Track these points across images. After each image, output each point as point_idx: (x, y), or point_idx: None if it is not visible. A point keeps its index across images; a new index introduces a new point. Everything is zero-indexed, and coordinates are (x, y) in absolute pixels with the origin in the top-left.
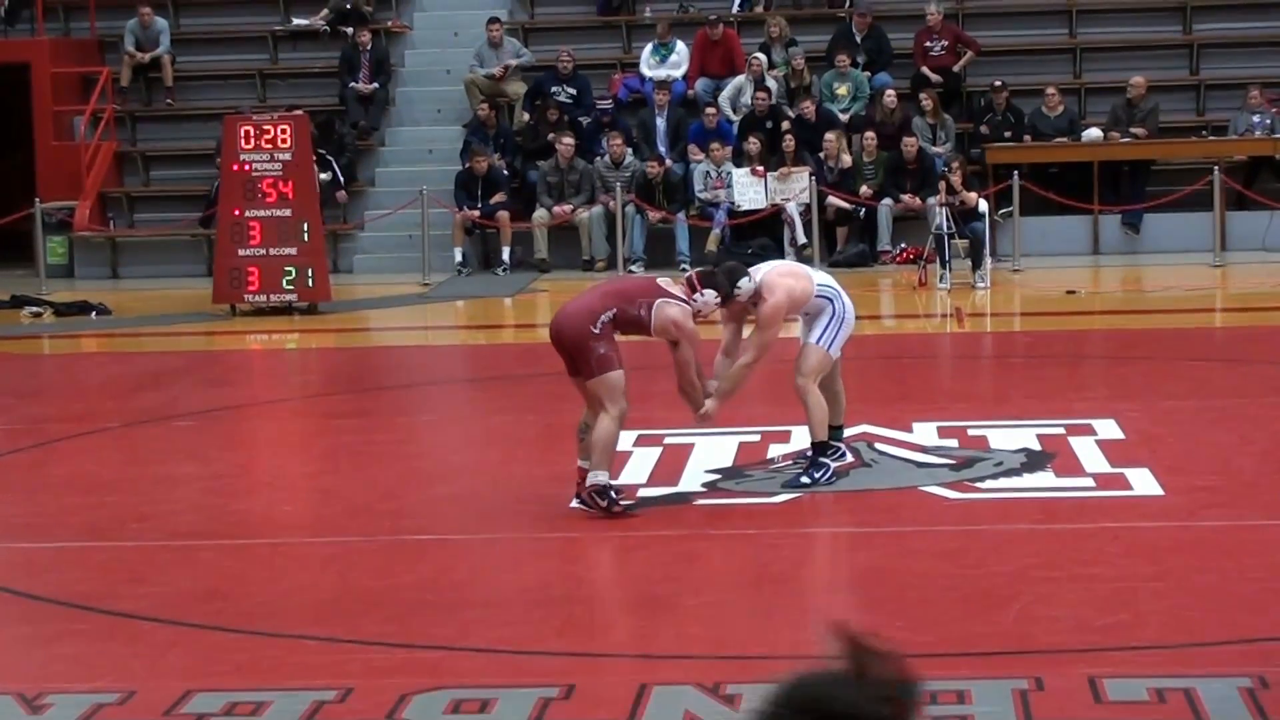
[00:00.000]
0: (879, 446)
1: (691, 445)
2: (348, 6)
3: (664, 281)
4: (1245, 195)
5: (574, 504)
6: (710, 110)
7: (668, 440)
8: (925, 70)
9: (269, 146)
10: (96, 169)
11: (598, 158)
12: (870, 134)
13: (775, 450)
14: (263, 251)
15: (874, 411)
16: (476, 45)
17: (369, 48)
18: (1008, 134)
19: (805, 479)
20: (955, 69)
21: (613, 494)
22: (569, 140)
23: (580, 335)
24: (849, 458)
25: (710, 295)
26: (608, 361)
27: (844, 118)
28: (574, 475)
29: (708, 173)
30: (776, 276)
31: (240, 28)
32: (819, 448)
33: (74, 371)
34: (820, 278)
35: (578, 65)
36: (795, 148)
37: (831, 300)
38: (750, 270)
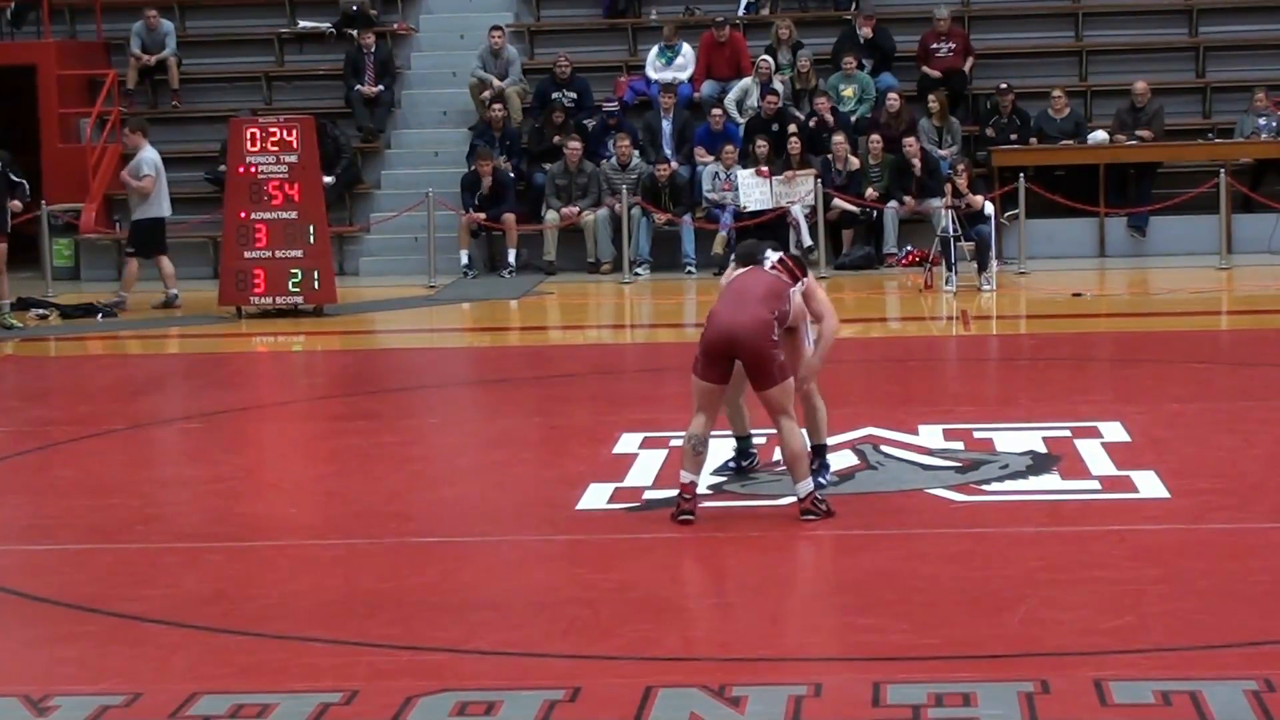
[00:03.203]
0: (884, 449)
1: None
2: (354, 9)
3: (769, 270)
4: (1251, 198)
5: (683, 517)
6: (716, 112)
7: (674, 443)
8: (927, 70)
9: (275, 149)
10: (103, 171)
11: (604, 160)
12: (876, 137)
13: (781, 453)
14: (269, 254)
15: (880, 414)
16: (481, 48)
17: (373, 50)
18: (1014, 136)
19: (821, 479)
20: (965, 69)
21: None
22: (576, 144)
23: (764, 346)
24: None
25: (809, 278)
26: (787, 369)
27: (850, 120)
28: (578, 477)
29: (715, 174)
30: None
31: (246, 30)
32: (820, 450)
33: (80, 374)
34: None
35: (584, 68)
36: (800, 150)
37: None
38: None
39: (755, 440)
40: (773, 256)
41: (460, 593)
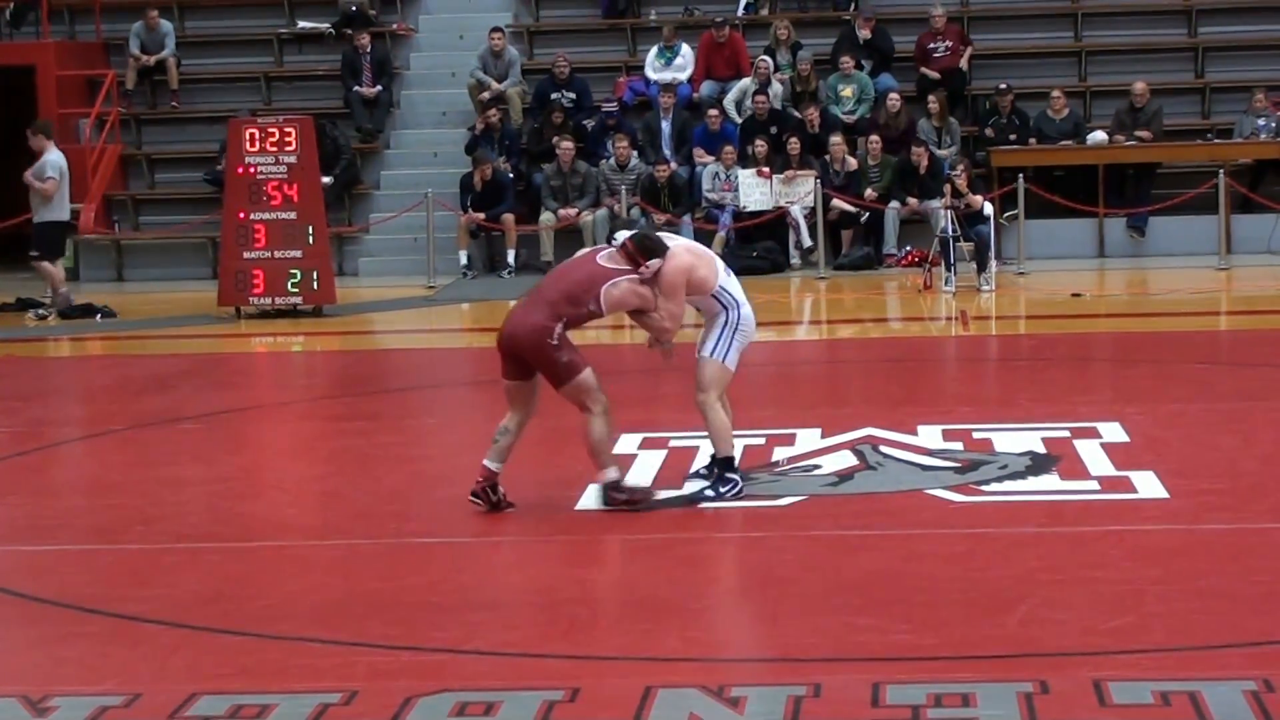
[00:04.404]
0: (884, 449)
1: (696, 449)
2: (353, 10)
3: (603, 257)
4: (1250, 198)
5: (471, 499)
6: (713, 113)
7: (673, 443)
8: (926, 71)
9: (274, 149)
10: (101, 172)
11: (603, 160)
12: (875, 137)
13: (780, 453)
14: (268, 254)
15: (879, 414)
16: (480, 49)
17: (369, 51)
18: (1013, 137)
19: (710, 492)
20: (961, 66)
21: (628, 485)
22: (568, 144)
23: (540, 350)
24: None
25: (655, 263)
26: (574, 367)
27: (849, 120)
28: (577, 477)
29: (715, 174)
30: (681, 249)
31: (245, 31)
32: (725, 463)
33: (79, 374)
34: (725, 279)
35: (583, 68)
36: (800, 151)
37: (727, 308)
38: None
39: (753, 442)
40: (620, 239)
41: (459, 593)
